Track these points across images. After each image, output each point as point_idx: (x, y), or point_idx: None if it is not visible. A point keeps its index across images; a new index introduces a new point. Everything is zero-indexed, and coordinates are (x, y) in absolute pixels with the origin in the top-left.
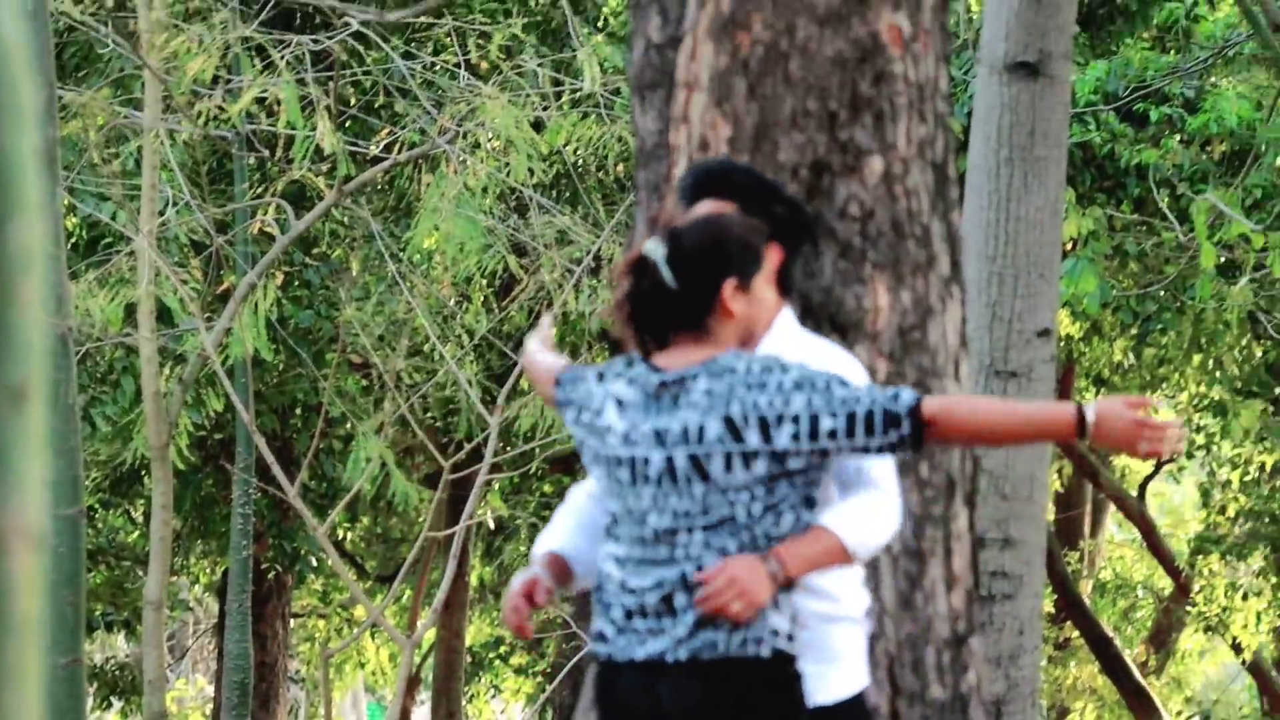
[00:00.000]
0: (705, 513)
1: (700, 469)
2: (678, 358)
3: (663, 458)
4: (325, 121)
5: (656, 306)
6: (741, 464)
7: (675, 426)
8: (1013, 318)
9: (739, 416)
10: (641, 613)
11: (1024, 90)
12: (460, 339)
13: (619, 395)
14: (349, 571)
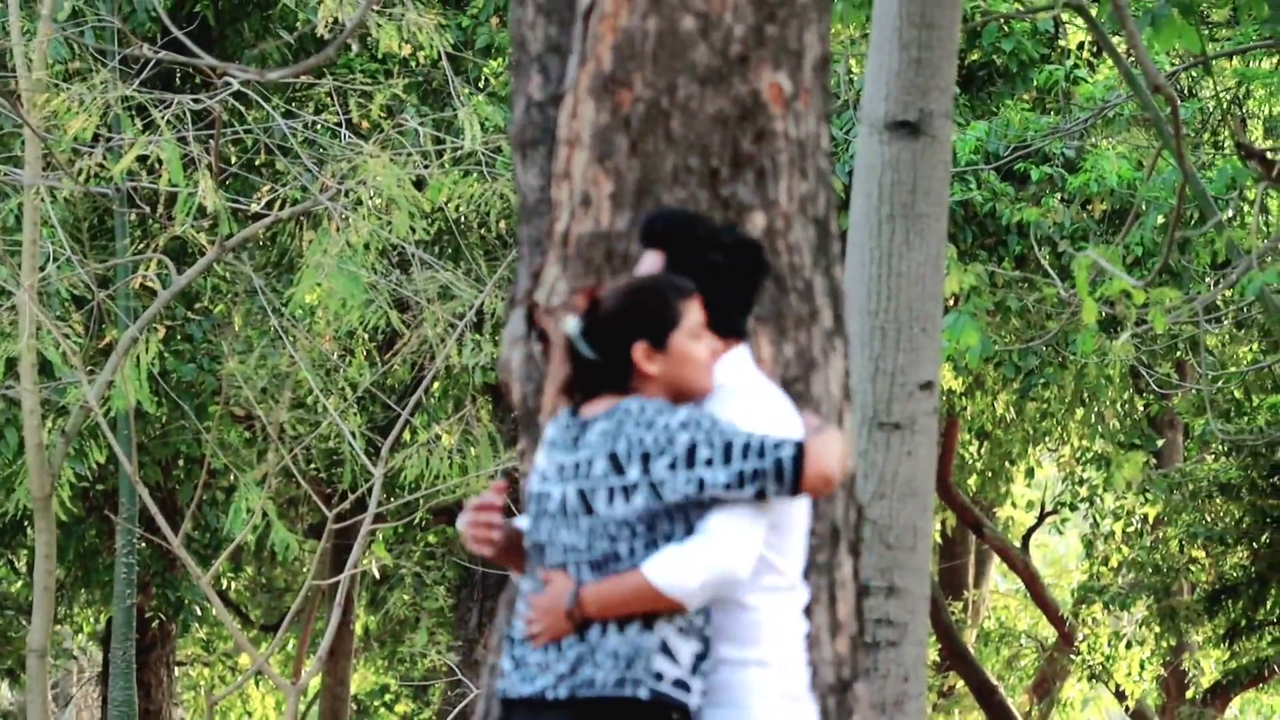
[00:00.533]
0: (589, 548)
1: (585, 503)
2: (596, 405)
3: (560, 492)
4: (207, 179)
5: (581, 375)
6: (622, 498)
7: (569, 462)
8: (895, 371)
9: (623, 452)
10: (530, 655)
11: (905, 149)
12: (343, 391)
13: (548, 438)
14: (233, 620)
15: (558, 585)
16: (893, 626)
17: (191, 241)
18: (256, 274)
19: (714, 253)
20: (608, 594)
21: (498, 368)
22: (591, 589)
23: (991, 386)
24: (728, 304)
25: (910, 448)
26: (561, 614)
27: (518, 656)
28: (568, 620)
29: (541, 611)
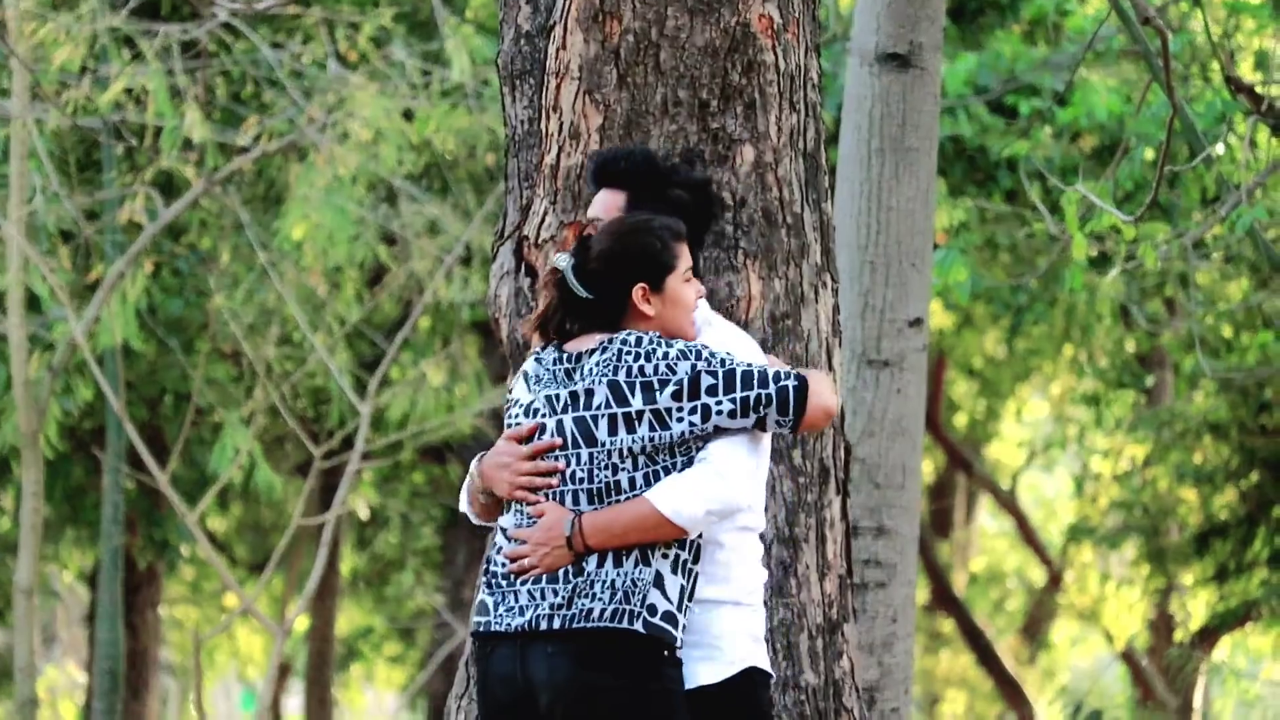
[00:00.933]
0: (590, 479)
1: (588, 432)
2: (584, 341)
3: (555, 422)
4: (194, 111)
5: (572, 313)
6: (625, 426)
7: (564, 394)
8: (884, 307)
9: (624, 381)
10: (527, 593)
11: (894, 81)
12: (331, 328)
13: (527, 371)
14: (220, 560)
15: (554, 515)
16: (881, 567)
17: (179, 175)
18: (244, 208)
19: (677, 190)
20: (610, 522)
21: (485, 303)
22: (593, 517)
23: (981, 324)
24: (694, 243)
25: (899, 385)
26: (561, 543)
27: (502, 590)
28: (567, 549)
29: (537, 542)
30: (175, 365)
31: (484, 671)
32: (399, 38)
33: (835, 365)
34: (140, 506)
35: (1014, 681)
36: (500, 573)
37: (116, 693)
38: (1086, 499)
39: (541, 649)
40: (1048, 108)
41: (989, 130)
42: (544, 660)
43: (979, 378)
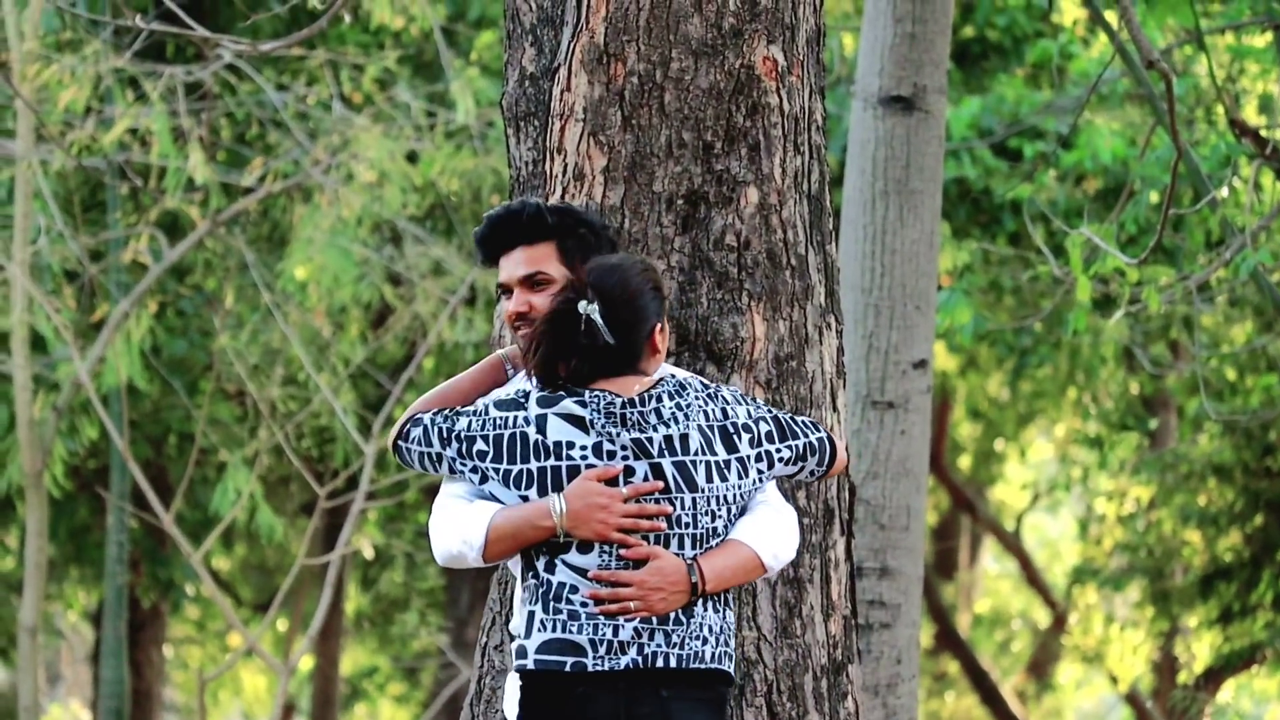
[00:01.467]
0: (695, 524)
1: (689, 477)
2: (613, 385)
3: (647, 466)
4: (198, 152)
5: (592, 358)
6: (718, 473)
7: (657, 438)
8: (889, 349)
9: (706, 426)
10: (632, 630)
11: (899, 124)
12: (335, 368)
13: (569, 413)
14: (225, 599)
15: (669, 560)
16: (886, 608)
17: (183, 216)
18: (249, 248)
19: (584, 228)
20: (723, 569)
21: (489, 343)
22: (709, 563)
23: (985, 365)
24: None
25: (904, 427)
26: (684, 587)
27: (592, 629)
28: (689, 594)
29: (652, 586)
30: (179, 405)
31: (573, 713)
32: (404, 79)
33: (840, 407)
34: (144, 546)
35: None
36: (589, 612)
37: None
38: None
39: (653, 691)
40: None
41: (993, 173)
42: (657, 703)
43: (983, 419)
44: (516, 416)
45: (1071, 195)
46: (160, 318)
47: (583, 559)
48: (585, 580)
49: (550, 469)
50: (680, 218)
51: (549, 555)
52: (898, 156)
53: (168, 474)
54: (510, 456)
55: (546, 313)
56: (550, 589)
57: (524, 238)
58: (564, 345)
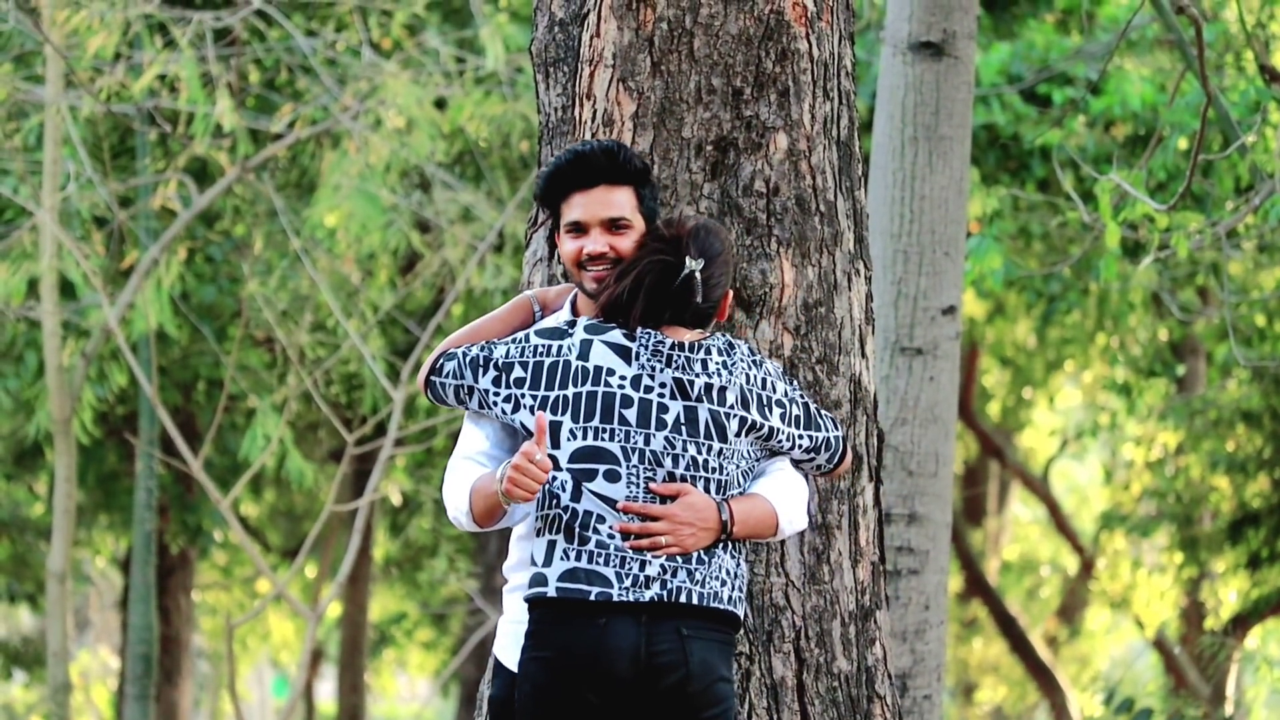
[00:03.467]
0: (721, 470)
1: (721, 427)
2: (668, 331)
3: (682, 407)
4: (226, 98)
5: (673, 308)
6: (746, 430)
7: (699, 383)
8: (918, 295)
9: (745, 388)
10: (659, 566)
11: (928, 70)
12: (364, 315)
13: (614, 342)
14: (253, 545)
15: (700, 497)
16: (914, 554)
17: (212, 162)
18: (277, 195)
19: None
20: (747, 515)
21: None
22: (740, 511)
23: (1013, 312)
24: None
25: (932, 373)
26: (714, 525)
27: (618, 560)
28: (718, 533)
29: (682, 521)
30: (208, 352)
31: (593, 641)
32: (433, 25)
33: (868, 353)
34: (173, 492)
35: (1047, 669)
36: (616, 544)
37: (149, 677)
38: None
39: (673, 626)
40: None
41: (1022, 119)
42: (676, 639)
43: (1011, 366)
44: (559, 345)
45: (1101, 141)
46: (189, 264)
47: (610, 487)
48: (613, 511)
49: (586, 394)
50: (709, 164)
51: (574, 482)
52: (927, 102)
53: (196, 420)
54: (549, 382)
55: (644, 261)
56: (576, 518)
57: (607, 177)
58: (660, 297)
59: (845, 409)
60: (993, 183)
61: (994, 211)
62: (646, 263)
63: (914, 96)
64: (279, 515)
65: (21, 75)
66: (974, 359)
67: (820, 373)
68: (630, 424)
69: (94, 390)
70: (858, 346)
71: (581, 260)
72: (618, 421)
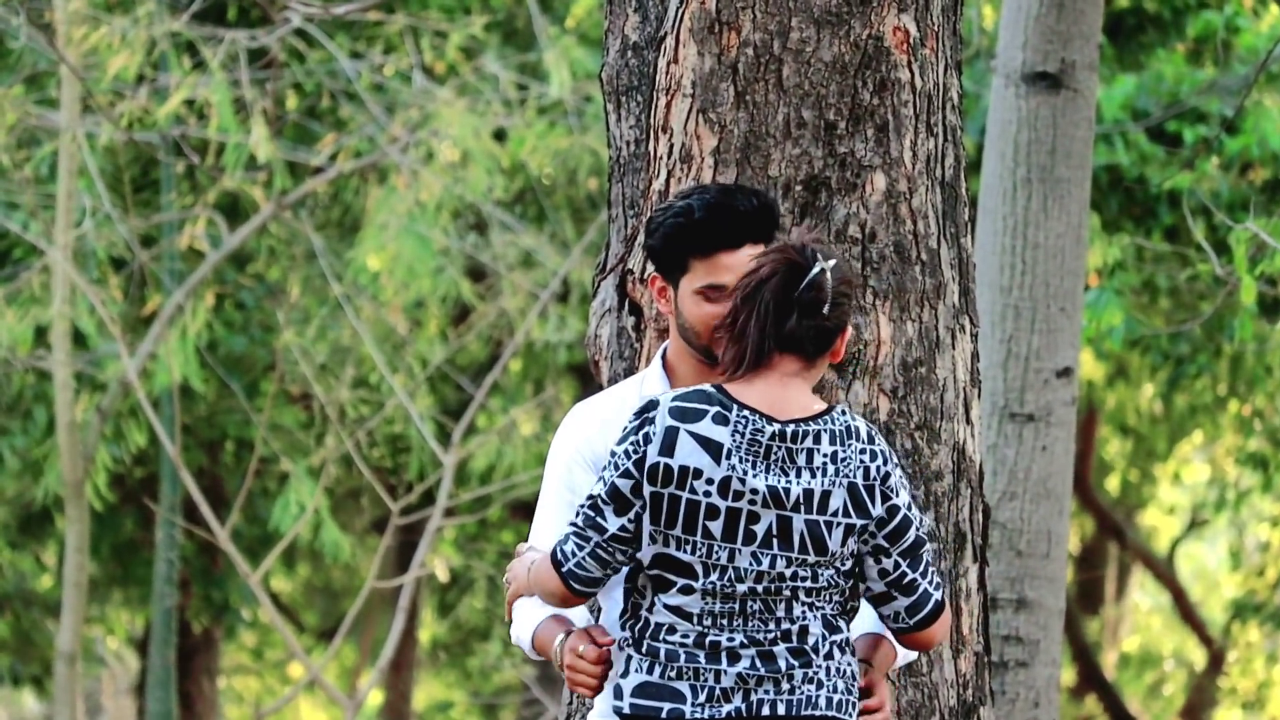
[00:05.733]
0: (814, 579)
1: (819, 541)
2: (774, 400)
3: (775, 517)
4: (261, 126)
5: (802, 319)
6: (856, 536)
7: (795, 490)
8: (1030, 355)
9: (863, 484)
10: (735, 676)
11: (1044, 104)
12: (411, 369)
13: (703, 435)
14: (285, 625)
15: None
16: (1023, 644)
17: (245, 197)
18: (316, 235)
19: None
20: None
21: (584, 344)
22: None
23: (1136, 375)
24: None
25: (1045, 442)
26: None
27: (697, 677)
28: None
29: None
30: (238, 409)
31: None
32: (492, 49)
33: (974, 419)
34: (196, 565)
35: None
36: (688, 653)
37: None
38: (1252, 571)
39: None
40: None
41: (1149, 160)
42: None
43: (1133, 435)
44: (641, 436)
45: (1236, 185)
46: (218, 311)
47: (684, 599)
48: (686, 622)
49: (668, 497)
50: (798, 205)
51: (651, 590)
52: (1042, 140)
53: (223, 485)
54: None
55: (766, 264)
56: (648, 628)
57: (759, 235)
58: (785, 306)
59: (948, 480)
60: (1115, 230)
61: (1116, 263)
62: (769, 265)
63: (1028, 133)
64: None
65: (34, 98)
66: (1091, 427)
67: (920, 440)
68: (714, 538)
69: (109, 450)
70: (962, 411)
71: (720, 325)
72: (701, 534)
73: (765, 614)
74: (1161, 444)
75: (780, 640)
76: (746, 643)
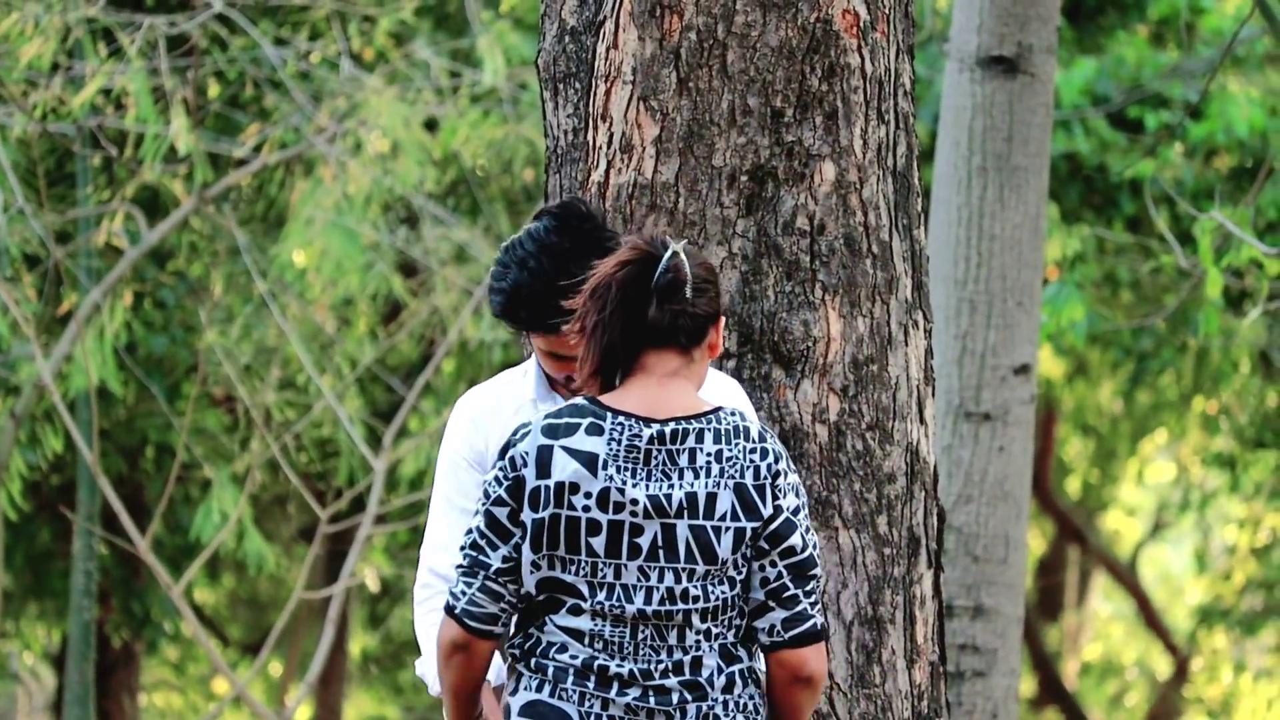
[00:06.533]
0: (705, 596)
1: (708, 547)
2: (652, 401)
3: (657, 528)
4: (181, 117)
5: (663, 306)
6: (748, 542)
7: (677, 496)
8: (986, 351)
9: (752, 484)
10: (624, 706)
11: (1000, 89)
12: (340, 370)
13: (576, 449)
14: (209, 639)
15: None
16: (980, 654)
17: (165, 191)
18: (240, 230)
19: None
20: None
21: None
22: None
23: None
24: None
25: (1002, 442)
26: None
27: (581, 699)
28: None
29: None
30: (158, 412)
31: None
32: (423, 34)
33: (927, 418)
34: (116, 576)
35: None
36: (575, 673)
37: None
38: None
39: None
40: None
41: (1109, 147)
42: None
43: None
44: (508, 462)
45: (1200, 173)
46: (137, 310)
47: (574, 620)
48: (577, 643)
49: (548, 520)
50: (744, 197)
51: (541, 612)
52: (998, 127)
53: (144, 492)
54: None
55: (614, 263)
56: (539, 645)
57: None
58: (641, 299)
59: (901, 483)
60: (1074, 221)
61: (1075, 255)
62: (616, 262)
63: (983, 120)
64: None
65: None
66: (1050, 427)
67: (871, 440)
68: (598, 555)
69: (24, 456)
70: (915, 410)
71: (567, 380)
72: (585, 552)
73: (657, 641)
74: (1124, 444)
75: (672, 672)
76: (637, 674)
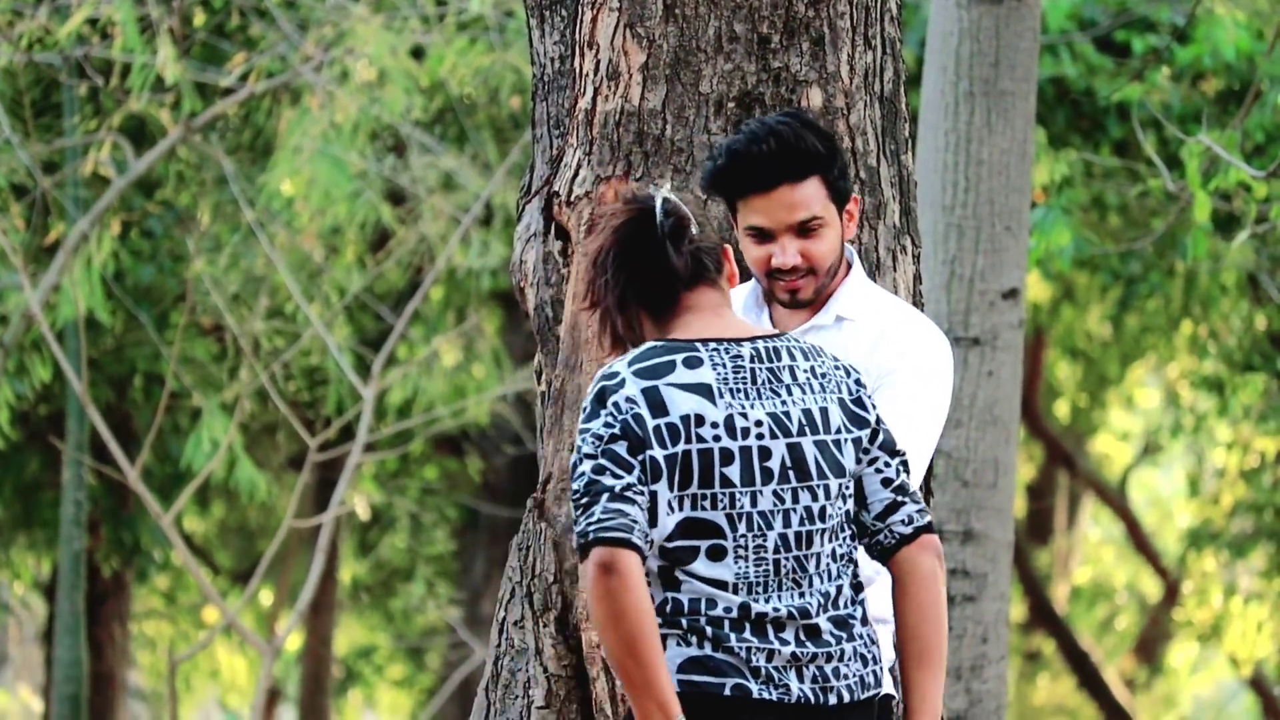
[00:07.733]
0: (833, 515)
1: (834, 462)
2: (722, 328)
3: (783, 449)
4: (167, 46)
5: (676, 247)
6: (861, 449)
7: (795, 412)
8: (974, 276)
9: (850, 400)
10: (787, 656)
11: (986, 14)
12: (328, 298)
13: (690, 381)
14: (199, 567)
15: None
16: (970, 578)
17: (152, 120)
18: (227, 159)
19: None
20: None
21: (509, 270)
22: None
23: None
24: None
25: (991, 367)
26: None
27: (735, 651)
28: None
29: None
30: (147, 341)
31: None
32: None
33: None
34: (105, 505)
35: (1124, 712)
36: (723, 632)
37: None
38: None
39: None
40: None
41: (1096, 71)
42: None
43: (1083, 359)
44: (613, 405)
45: (1188, 97)
46: (124, 239)
47: (714, 567)
48: (723, 592)
49: (681, 455)
50: (731, 123)
51: (679, 569)
52: (985, 52)
53: (133, 421)
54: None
55: (609, 235)
56: (682, 608)
57: (787, 175)
58: (658, 247)
59: None
60: (1062, 145)
61: (1063, 179)
62: (611, 229)
63: (970, 45)
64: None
65: None
66: (1039, 351)
67: None
68: (734, 484)
69: (12, 386)
70: None
71: (771, 271)
72: (719, 484)
73: (799, 574)
74: (1113, 368)
75: (823, 609)
76: (795, 612)
